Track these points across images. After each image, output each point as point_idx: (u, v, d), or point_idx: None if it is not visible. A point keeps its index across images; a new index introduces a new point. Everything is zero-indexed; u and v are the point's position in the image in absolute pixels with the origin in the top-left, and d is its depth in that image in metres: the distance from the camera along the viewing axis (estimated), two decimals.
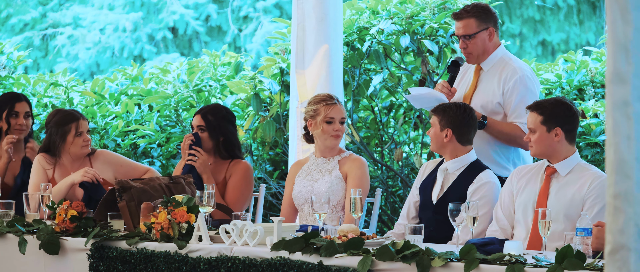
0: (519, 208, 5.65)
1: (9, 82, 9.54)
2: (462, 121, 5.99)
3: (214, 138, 6.71)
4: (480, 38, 6.48)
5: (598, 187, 5.43)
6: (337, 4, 7.60)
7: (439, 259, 4.67)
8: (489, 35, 6.50)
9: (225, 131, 6.71)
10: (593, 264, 4.41)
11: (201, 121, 6.71)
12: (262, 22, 17.13)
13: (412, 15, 8.38)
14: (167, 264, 5.41)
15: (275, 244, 5.14)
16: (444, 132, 5.98)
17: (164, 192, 5.99)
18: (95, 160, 6.89)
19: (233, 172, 6.71)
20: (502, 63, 6.49)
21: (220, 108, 6.82)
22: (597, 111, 8.03)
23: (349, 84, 8.56)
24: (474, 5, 6.54)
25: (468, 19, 6.47)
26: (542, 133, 5.55)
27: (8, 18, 17.90)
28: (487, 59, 6.51)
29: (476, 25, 6.48)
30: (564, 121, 5.53)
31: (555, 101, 5.61)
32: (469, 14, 6.48)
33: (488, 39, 6.50)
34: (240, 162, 6.74)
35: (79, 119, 6.82)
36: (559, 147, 5.55)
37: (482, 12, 6.50)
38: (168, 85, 9.13)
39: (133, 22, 17.43)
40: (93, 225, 5.87)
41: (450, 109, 6.01)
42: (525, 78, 6.40)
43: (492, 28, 6.51)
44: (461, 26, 6.49)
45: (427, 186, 6.11)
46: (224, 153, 6.74)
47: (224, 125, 6.72)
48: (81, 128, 6.83)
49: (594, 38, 16.37)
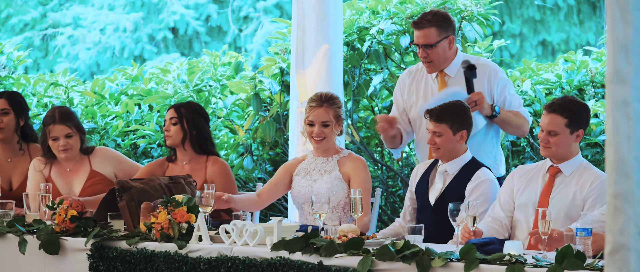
0: (519, 208, 5.64)
1: (9, 82, 9.53)
2: (472, 119, 6.02)
3: (185, 130, 6.69)
4: (441, 47, 6.44)
5: (598, 187, 5.42)
6: (337, 4, 7.59)
7: (439, 259, 4.67)
8: (449, 43, 6.46)
9: (198, 125, 6.71)
10: (593, 264, 4.41)
11: (173, 114, 6.72)
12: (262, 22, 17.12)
13: (412, 15, 8.38)
14: (167, 264, 5.41)
15: (275, 244, 5.14)
16: (459, 135, 5.96)
17: (164, 192, 5.99)
18: (94, 157, 6.88)
19: (214, 173, 6.66)
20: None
21: (193, 104, 6.85)
22: (597, 111, 8.03)
23: (349, 84, 8.56)
24: (433, 13, 6.48)
25: (428, 28, 6.41)
26: (565, 135, 5.48)
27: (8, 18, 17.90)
28: (451, 65, 6.50)
29: (437, 34, 6.42)
30: (586, 122, 5.53)
31: (577, 103, 5.56)
32: (429, 23, 6.41)
33: (448, 47, 6.47)
34: (218, 161, 6.72)
35: (52, 123, 6.72)
36: (574, 149, 5.54)
37: (442, 21, 6.44)
38: (168, 85, 9.13)
39: (133, 22, 17.42)
40: (93, 225, 5.86)
41: (459, 110, 5.98)
42: (498, 70, 6.50)
43: (452, 36, 6.46)
44: (421, 35, 6.42)
45: (422, 188, 6.11)
46: (198, 148, 6.72)
47: (196, 119, 6.71)
48: (54, 133, 6.74)
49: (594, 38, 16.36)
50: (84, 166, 6.86)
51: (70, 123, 6.76)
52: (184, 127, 6.67)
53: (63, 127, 6.74)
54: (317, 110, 6.40)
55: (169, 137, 6.71)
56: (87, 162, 6.86)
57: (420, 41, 6.43)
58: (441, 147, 5.94)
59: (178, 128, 6.69)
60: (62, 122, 6.74)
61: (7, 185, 7.13)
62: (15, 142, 7.15)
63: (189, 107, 6.75)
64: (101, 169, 6.83)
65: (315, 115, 6.39)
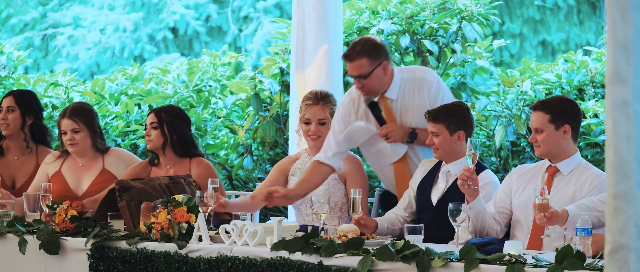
0: (519, 208, 5.64)
1: (9, 82, 9.54)
2: (471, 120, 5.99)
3: (166, 135, 6.68)
4: (376, 75, 6.26)
5: (598, 187, 5.42)
6: (337, 4, 7.60)
7: (439, 259, 4.67)
8: (383, 69, 6.28)
9: (178, 129, 6.69)
10: (593, 264, 4.41)
11: (154, 118, 6.71)
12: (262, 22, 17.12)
13: (412, 15, 8.38)
14: (167, 264, 5.41)
15: (275, 244, 5.14)
16: (456, 135, 5.95)
17: (164, 192, 5.99)
18: (108, 156, 6.92)
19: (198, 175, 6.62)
20: (407, 81, 6.37)
21: (174, 107, 6.84)
22: (597, 111, 8.03)
23: (348, 84, 8.56)
24: (363, 43, 6.26)
25: (359, 59, 6.22)
26: (551, 132, 5.51)
27: (8, 18, 17.90)
28: (390, 88, 6.35)
29: (368, 64, 6.23)
30: (572, 118, 5.53)
31: (561, 98, 5.60)
32: (359, 54, 6.22)
33: (383, 74, 6.30)
34: (201, 162, 6.69)
35: (62, 117, 6.83)
36: (565, 145, 5.54)
37: (373, 50, 6.25)
38: (168, 85, 9.13)
39: (133, 22, 17.42)
40: (93, 225, 5.87)
41: (456, 111, 5.96)
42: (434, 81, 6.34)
43: (385, 61, 6.29)
44: (354, 67, 6.25)
45: (424, 187, 6.10)
46: (179, 151, 6.70)
47: (177, 123, 6.70)
48: (62, 127, 6.85)
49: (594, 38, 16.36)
50: (97, 164, 6.90)
51: (78, 119, 6.82)
52: (165, 131, 6.67)
53: (70, 122, 6.81)
54: (314, 108, 6.41)
55: (149, 142, 6.71)
56: (100, 161, 6.90)
57: (354, 73, 6.25)
58: (439, 148, 5.95)
59: (158, 133, 6.68)
60: (70, 117, 6.82)
61: (11, 183, 7.15)
62: (22, 140, 7.21)
63: (169, 112, 6.74)
64: (113, 169, 6.86)
65: (311, 113, 6.40)
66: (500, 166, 8.37)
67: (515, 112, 8.08)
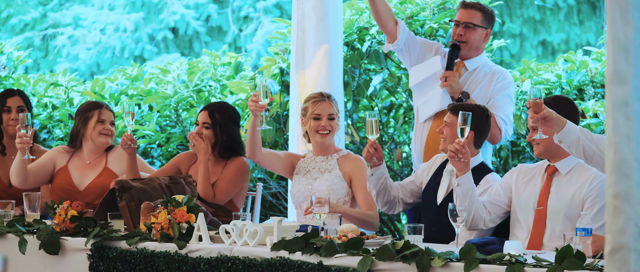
0: (519, 208, 5.64)
1: (9, 82, 9.54)
2: (485, 124, 5.98)
3: (217, 136, 6.70)
4: (478, 33, 6.74)
5: (598, 186, 5.43)
6: (337, 4, 7.60)
7: (439, 259, 4.67)
8: (485, 35, 6.76)
9: (230, 131, 6.71)
10: (593, 264, 4.41)
11: (207, 118, 6.71)
12: (262, 22, 17.13)
13: (412, 15, 8.38)
14: (167, 264, 5.41)
15: (275, 244, 5.14)
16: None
17: (164, 192, 5.99)
18: (111, 154, 6.97)
19: (228, 166, 6.70)
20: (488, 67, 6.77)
21: (227, 107, 6.81)
22: (597, 111, 8.03)
23: (349, 84, 8.56)
24: (481, 5, 6.78)
25: (475, 10, 6.72)
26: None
27: (8, 18, 17.90)
28: (473, 59, 6.76)
29: (480, 20, 6.73)
30: (568, 116, 5.53)
31: (557, 97, 5.65)
32: (476, 8, 6.72)
33: (482, 39, 6.76)
34: (238, 158, 6.73)
35: (102, 107, 6.94)
36: None
37: (489, 14, 6.78)
38: (168, 85, 9.13)
39: (134, 22, 17.43)
40: (93, 225, 5.87)
41: (474, 110, 5.96)
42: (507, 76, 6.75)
43: (489, 31, 6.78)
44: (466, 14, 6.72)
45: (431, 188, 6.09)
46: (223, 153, 6.72)
47: (229, 125, 6.72)
48: (103, 116, 6.93)
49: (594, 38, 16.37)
50: (101, 162, 6.97)
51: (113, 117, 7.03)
52: (216, 133, 6.68)
53: (111, 114, 6.96)
54: (322, 104, 6.46)
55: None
56: (104, 159, 6.93)
57: (464, 18, 6.71)
58: (446, 138, 5.96)
59: (210, 133, 6.69)
60: (110, 110, 6.99)
61: (7, 181, 7.17)
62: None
63: (223, 112, 6.74)
64: (115, 167, 6.89)
65: (321, 108, 6.45)
66: (500, 166, 8.37)
67: (515, 112, 8.08)
